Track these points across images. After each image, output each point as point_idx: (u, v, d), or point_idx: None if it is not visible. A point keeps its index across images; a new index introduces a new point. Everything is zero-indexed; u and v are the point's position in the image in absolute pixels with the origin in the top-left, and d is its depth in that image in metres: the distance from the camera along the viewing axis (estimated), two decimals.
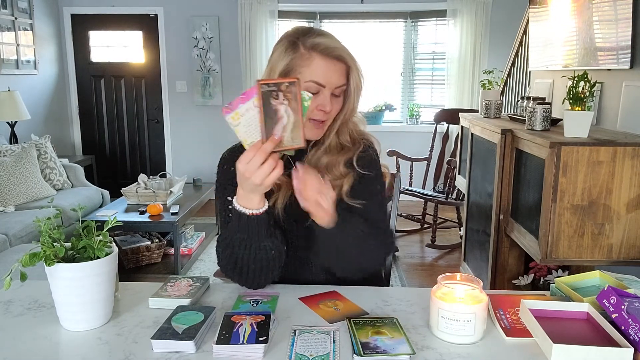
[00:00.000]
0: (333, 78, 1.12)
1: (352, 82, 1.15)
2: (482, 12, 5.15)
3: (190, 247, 3.71)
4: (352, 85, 1.16)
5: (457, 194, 4.11)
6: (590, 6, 2.69)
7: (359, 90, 1.18)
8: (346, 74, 1.15)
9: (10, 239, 3.08)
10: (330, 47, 1.12)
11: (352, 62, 1.15)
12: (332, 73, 1.12)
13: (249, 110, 0.95)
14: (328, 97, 1.13)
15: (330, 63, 1.12)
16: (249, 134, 0.96)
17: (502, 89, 4.17)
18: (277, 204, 1.18)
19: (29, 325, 1.00)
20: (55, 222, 0.97)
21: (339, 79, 1.13)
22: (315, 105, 1.12)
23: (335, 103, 1.15)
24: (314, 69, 1.11)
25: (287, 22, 5.39)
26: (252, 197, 1.05)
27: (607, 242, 2.00)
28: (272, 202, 1.18)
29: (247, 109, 0.95)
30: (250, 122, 0.96)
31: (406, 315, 1.05)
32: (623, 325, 0.88)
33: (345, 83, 1.15)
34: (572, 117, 2.07)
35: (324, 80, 1.11)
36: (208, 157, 5.46)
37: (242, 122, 0.96)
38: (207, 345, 0.92)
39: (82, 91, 5.59)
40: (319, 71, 1.11)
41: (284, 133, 0.96)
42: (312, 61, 1.11)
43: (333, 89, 1.13)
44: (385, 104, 5.58)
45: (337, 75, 1.13)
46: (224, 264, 1.16)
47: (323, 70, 1.11)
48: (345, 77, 1.15)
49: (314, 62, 1.11)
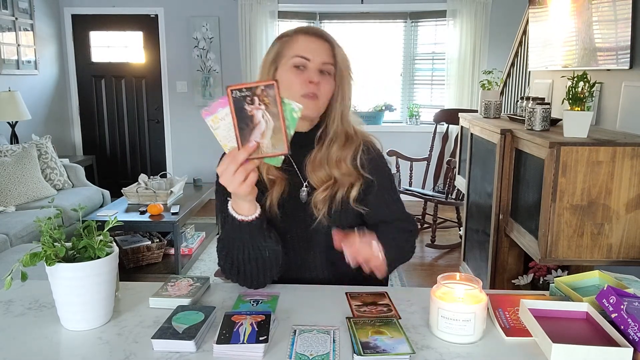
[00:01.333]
0: (317, 52, 1.16)
1: (338, 60, 1.18)
2: (482, 12, 5.15)
3: (191, 247, 3.71)
4: (340, 64, 1.18)
5: (457, 194, 4.11)
6: (589, 6, 2.69)
7: (347, 69, 1.20)
8: (332, 54, 1.18)
9: (11, 238, 3.08)
10: (313, 28, 1.23)
11: (335, 42, 1.19)
12: (316, 47, 1.17)
13: (228, 115, 0.93)
14: (315, 71, 1.16)
15: (314, 38, 1.18)
16: (229, 139, 0.95)
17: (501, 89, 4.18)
18: (272, 201, 1.19)
19: (29, 325, 1.00)
20: (55, 222, 0.97)
21: (323, 54, 1.17)
22: (304, 79, 1.15)
23: (325, 82, 1.17)
24: (299, 45, 1.18)
25: (287, 22, 5.39)
26: (240, 204, 1.06)
27: (607, 242, 2.00)
28: (268, 200, 1.18)
29: (227, 114, 0.93)
30: (229, 126, 0.93)
31: (406, 315, 1.05)
32: (622, 325, 0.88)
33: (332, 62, 1.17)
34: (571, 117, 2.07)
35: (309, 54, 1.16)
36: (208, 157, 5.45)
37: (222, 126, 0.94)
38: (207, 345, 0.92)
39: (83, 91, 5.60)
40: (302, 45, 1.17)
41: (263, 139, 0.92)
42: (296, 40, 1.18)
43: (319, 64, 1.16)
44: (385, 104, 5.59)
45: (322, 50, 1.17)
46: (222, 264, 1.17)
47: (306, 43, 1.17)
48: (331, 57, 1.17)
49: (298, 40, 1.18)
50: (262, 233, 1.10)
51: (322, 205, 1.19)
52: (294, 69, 1.17)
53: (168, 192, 3.64)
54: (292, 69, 1.17)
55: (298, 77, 1.16)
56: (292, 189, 1.22)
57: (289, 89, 1.16)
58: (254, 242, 1.10)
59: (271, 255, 1.13)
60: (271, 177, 1.20)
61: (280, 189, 1.20)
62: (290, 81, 1.16)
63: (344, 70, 1.19)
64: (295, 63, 1.16)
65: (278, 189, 1.19)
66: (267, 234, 1.12)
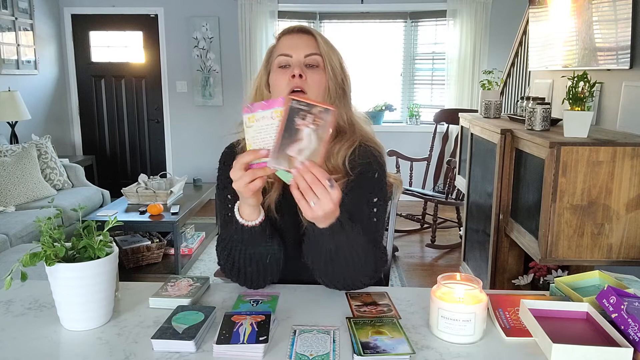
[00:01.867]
0: (298, 47, 1.16)
1: (323, 50, 1.16)
2: (482, 12, 5.15)
3: (191, 247, 3.71)
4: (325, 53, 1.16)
5: (457, 194, 4.11)
6: (589, 6, 2.69)
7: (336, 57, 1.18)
8: (315, 44, 1.17)
9: (10, 238, 3.08)
10: (295, 25, 1.21)
11: (317, 33, 1.19)
12: (296, 42, 1.17)
13: (265, 118, 0.93)
14: (298, 65, 1.14)
15: (294, 36, 1.18)
16: (255, 141, 0.95)
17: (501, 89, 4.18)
18: (271, 204, 1.17)
19: (29, 325, 1.00)
20: (55, 222, 0.97)
21: (305, 47, 1.16)
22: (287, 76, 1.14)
23: (313, 73, 1.15)
24: (281, 45, 1.19)
25: (287, 22, 5.39)
26: (244, 207, 1.05)
27: (607, 242, 2.00)
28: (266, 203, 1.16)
29: (264, 117, 0.93)
30: (261, 129, 0.94)
31: (406, 315, 1.05)
32: (623, 325, 0.88)
33: (316, 53, 1.16)
34: (571, 117, 2.07)
35: (289, 50, 1.16)
36: (208, 157, 5.46)
37: (255, 126, 0.94)
38: (207, 345, 0.92)
39: (83, 91, 5.60)
40: (284, 44, 1.18)
41: (298, 155, 0.91)
42: (279, 42, 1.20)
43: (303, 58, 1.15)
44: (385, 104, 5.59)
45: (303, 43, 1.16)
46: (222, 264, 1.17)
47: (287, 42, 1.18)
48: (314, 47, 1.16)
49: (281, 41, 1.20)
50: (265, 238, 1.10)
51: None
52: (279, 69, 1.17)
53: (168, 192, 3.64)
54: (277, 70, 1.17)
55: (282, 75, 1.15)
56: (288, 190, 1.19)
57: (275, 89, 1.17)
58: (256, 247, 1.10)
59: (272, 260, 1.12)
60: (270, 179, 1.17)
61: (278, 192, 1.18)
62: (275, 81, 1.16)
63: (333, 58, 1.17)
64: (279, 63, 1.16)
65: (276, 191, 1.18)
66: (269, 239, 1.11)
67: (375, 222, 1.17)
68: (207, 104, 5.51)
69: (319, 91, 1.15)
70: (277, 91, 1.15)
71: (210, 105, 5.50)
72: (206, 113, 5.54)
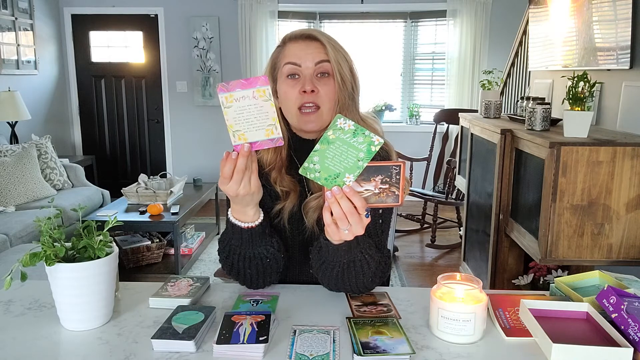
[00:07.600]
0: (307, 55, 1.11)
1: (332, 56, 1.10)
2: (482, 12, 5.15)
3: (191, 247, 3.71)
4: (334, 60, 1.10)
5: (457, 194, 4.11)
6: (589, 6, 2.69)
7: (345, 63, 1.12)
8: (324, 51, 1.11)
9: (10, 238, 3.08)
10: (300, 30, 1.15)
11: (323, 37, 1.12)
12: (305, 49, 1.12)
13: (246, 98, 0.91)
14: (309, 78, 1.10)
15: (302, 43, 1.13)
16: (237, 122, 0.93)
17: (501, 89, 4.18)
18: (284, 213, 1.16)
19: (29, 325, 1.00)
20: (55, 222, 0.97)
21: (315, 55, 1.10)
22: (298, 89, 1.10)
23: (324, 84, 1.10)
24: (288, 51, 1.14)
25: (287, 22, 5.40)
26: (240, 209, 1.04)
27: (607, 242, 2.00)
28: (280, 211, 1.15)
29: (244, 96, 0.91)
30: (242, 110, 0.92)
31: (406, 315, 1.05)
32: (623, 325, 0.88)
33: (326, 60, 1.11)
34: (571, 117, 2.07)
35: (298, 59, 1.11)
36: (208, 157, 5.46)
37: (235, 107, 0.92)
38: (207, 345, 0.92)
39: (83, 91, 5.60)
40: (291, 51, 1.13)
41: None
42: (286, 48, 1.15)
43: (313, 67, 1.11)
44: (385, 104, 5.58)
45: (311, 51, 1.11)
46: (222, 264, 1.17)
47: (295, 50, 1.13)
48: (323, 54, 1.11)
49: (287, 48, 1.14)
50: (265, 239, 1.09)
51: (313, 212, 1.14)
52: (287, 79, 1.12)
53: (168, 192, 3.64)
54: (286, 80, 1.13)
55: (293, 87, 1.11)
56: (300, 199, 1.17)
57: (285, 102, 1.13)
58: (254, 249, 1.09)
59: (272, 262, 1.12)
60: (285, 189, 1.15)
61: (294, 202, 1.15)
62: (285, 93, 1.12)
63: (342, 65, 1.12)
64: (287, 72, 1.12)
65: (292, 201, 1.15)
66: (268, 239, 1.10)
67: (381, 223, 1.17)
68: (207, 104, 5.51)
69: (331, 103, 1.12)
70: (287, 104, 1.13)
71: (210, 105, 5.50)
72: (206, 113, 5.53)
